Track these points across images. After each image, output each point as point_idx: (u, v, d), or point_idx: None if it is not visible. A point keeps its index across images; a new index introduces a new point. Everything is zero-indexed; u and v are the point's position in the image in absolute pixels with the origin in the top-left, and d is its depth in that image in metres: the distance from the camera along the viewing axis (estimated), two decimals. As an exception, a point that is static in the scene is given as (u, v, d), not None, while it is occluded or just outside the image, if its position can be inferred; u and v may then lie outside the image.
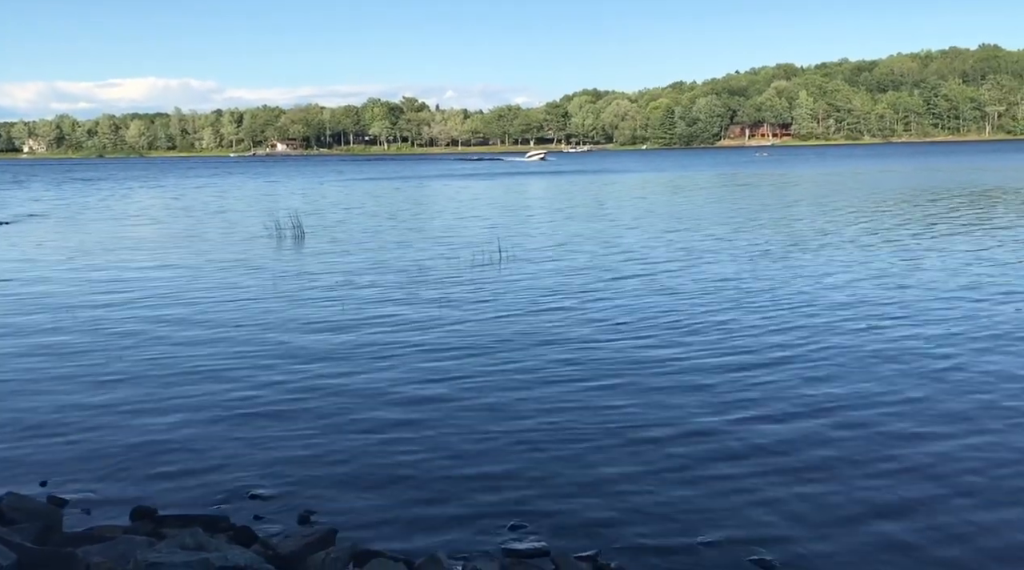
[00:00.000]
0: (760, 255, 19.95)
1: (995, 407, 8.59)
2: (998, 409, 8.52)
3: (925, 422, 8.15)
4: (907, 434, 7.88)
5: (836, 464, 7.18)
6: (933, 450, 7.45)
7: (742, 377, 9.78)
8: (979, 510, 6.29)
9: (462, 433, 8.15)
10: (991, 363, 10.15)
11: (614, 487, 6.83)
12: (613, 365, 10.42)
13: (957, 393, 9.03)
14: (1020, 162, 78.43)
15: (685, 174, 74.21)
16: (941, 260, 18.53)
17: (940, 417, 8.29)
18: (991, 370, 9.86)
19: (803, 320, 12.74)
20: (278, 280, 17.72)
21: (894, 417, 8.34)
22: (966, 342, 11.15)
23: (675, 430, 8.08)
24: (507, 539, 5.99)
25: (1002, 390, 9.11)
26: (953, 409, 8.53)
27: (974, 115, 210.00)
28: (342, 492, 6.86)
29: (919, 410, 8.51)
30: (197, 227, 31.70)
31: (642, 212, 34.29)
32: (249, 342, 12.09)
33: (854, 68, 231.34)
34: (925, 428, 8.00)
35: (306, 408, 9.02)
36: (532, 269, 18.54)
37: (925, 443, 7.63)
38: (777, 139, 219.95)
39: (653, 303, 14.34)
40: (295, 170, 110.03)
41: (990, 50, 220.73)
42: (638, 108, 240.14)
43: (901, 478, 6.88)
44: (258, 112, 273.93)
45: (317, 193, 55.28)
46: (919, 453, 7.39)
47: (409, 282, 17.09)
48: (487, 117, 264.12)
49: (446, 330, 12.55)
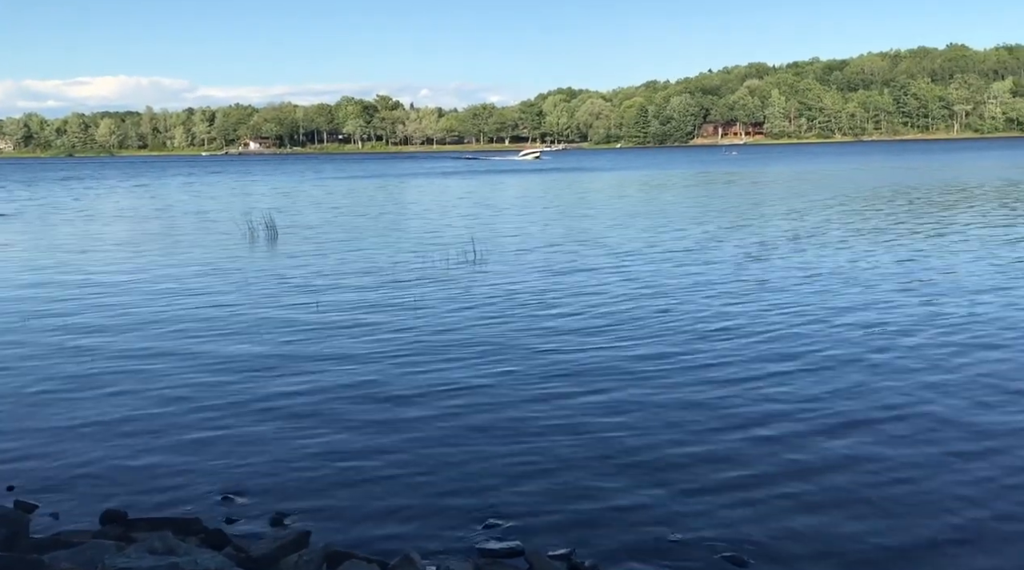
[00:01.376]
0: (745, 256, 20.09)
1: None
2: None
3: (897, 421, 8.26)
4: (879, 434, 7.98)
5: (810, 464, 7.24)
6: (904, 447, 7.55)
7: (717, 376, 9.84)
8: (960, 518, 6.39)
9: (435, 433, 8.13)
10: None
11: (588, 485, 6.85)
12: (588, 365, 10.43)
13: (926, 389, 9.16)
14: (987, 160, 79.73)
15: (662, 172, 74.59)
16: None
17: (900, 413, 8.41)
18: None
19: (779, 318, 12.85)
20: (249, 280, 17.57)
21: (869, 419, 8.43)
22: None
23: (648, 430, 8.11)
24: (481, 538, 5.98)
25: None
26: (917, 403, 8.65)
27: (943, 114, 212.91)
28: (315, 494, 6.83)
29: (883, 408, 8.62)
30: (168, 227, 31.38)
31: (625, 211, 34.41)
32: (219, 343, 11.98)
33: (825, 67, 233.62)
34: (898, 426, 8.11)
35: (278, 410, 8.96)
36: (508, 269, 18.55)
37: (898, 442, 7.73)
38: (750, 138, 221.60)
39: (630, 302, 14.38)
40: (273, 169, 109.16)
41: (957, 50, 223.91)
42: (612, 107, 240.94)
43: (872, 476, 6.96)
44: (230, 110, 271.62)
45: (300, 192, 54.89)
46: (894, 452, 7.48)
47: (384, 282, 17.03)
48: (462, 116, 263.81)
49: (420, 330, 12.52)
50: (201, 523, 6.12)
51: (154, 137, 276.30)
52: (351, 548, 5.69)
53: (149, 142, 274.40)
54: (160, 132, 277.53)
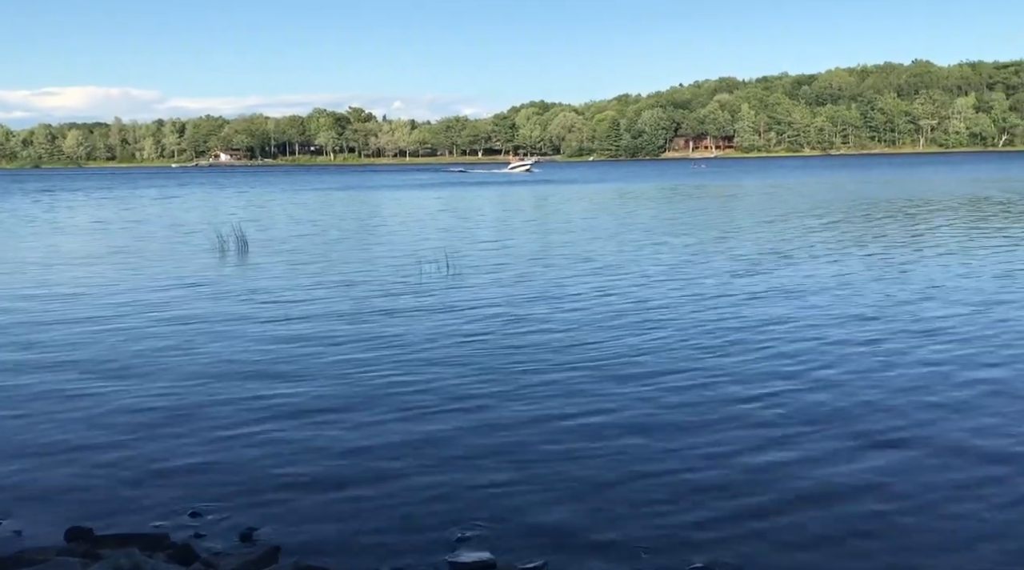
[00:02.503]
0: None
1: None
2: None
3: (864, 419, 8.36)
4: (844, 444, 8.06)
5: (776, 469, 7.30)
6: (864, 443, 7.63)
7: (690, 382, 9.89)
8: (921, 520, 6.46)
9: (406, 447, 8.09)
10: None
11: (559, 496, 6.85)
12: (564, 380, 10.41)
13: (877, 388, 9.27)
14: (958, 174, 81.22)
15: (647, 184, 75.08)
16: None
17: (872, 411, 8.51)
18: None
19: (770, 333, 12.95)
20: (218, 294, 17.41)
21: (830, 427, 8.52)
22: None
23: (619, 438, 8.13)
24: (453, 552, 5.95)
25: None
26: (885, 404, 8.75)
27: (908, 128, 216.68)
28: (286, 509, 6.75)
29: (850, 407, 8.72)
30: (136, 239, 30.99)
31: (608, 224, 34.56)
32: (187, 358, 11.84)
33: (794, 82, 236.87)
34: (869, 424, 8.20)
35: (248, 425, 8.86)
36: (481, 282, 18.54)
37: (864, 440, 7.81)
38: (720, 151, 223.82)
39: (610, 315, 14.44)
40: (244, 181, 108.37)
41: (923, 66, 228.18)
42: (584, 120, 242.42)
43: (838, 482, 7.03)
44: (201, 122, 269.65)
45: (273, 205, 54.53)
46: (859, 456, 7.56)
47: (357, 295, 16.95)
48: (435, 128, 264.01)
49: (392, 344, 12.47)
50: (169, 539, 6.04)
51: (123, 149, 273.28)
52: (321, 564, 5.64)
53: (118, 154, 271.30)
54: (129, 143, 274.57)
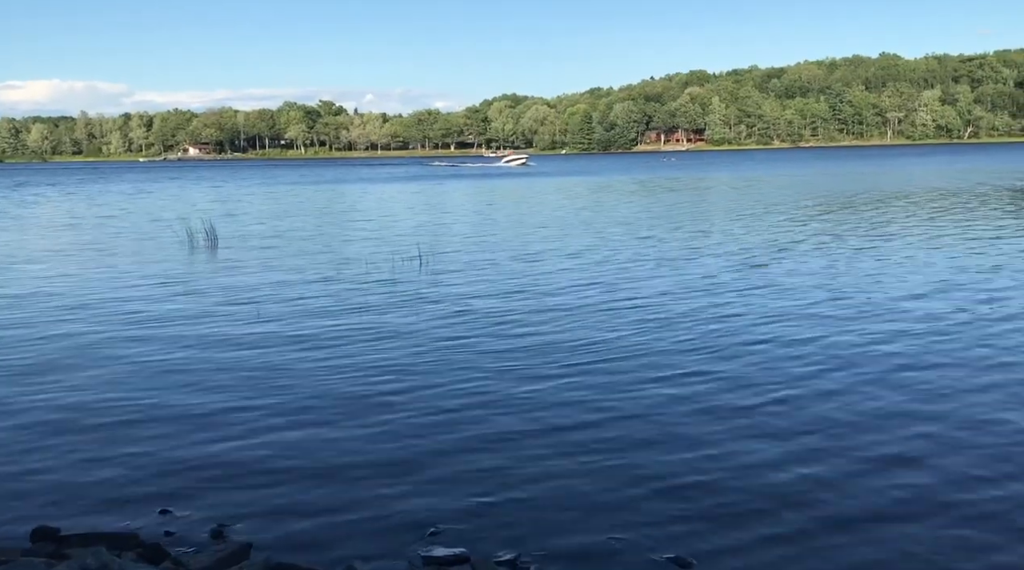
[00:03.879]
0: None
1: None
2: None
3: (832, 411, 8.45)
4: (821, 437, 8.14)
5: (750, 463, 7.35)
6: (831, 442, 7.72)
7: (660, 373, 9.95)
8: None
9: (378, 441, 8.05)
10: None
11: (532, 489, 6.85)
12: (538, 373, 10.42)
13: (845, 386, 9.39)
14: (928, 166, 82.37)
15: (624, 177, 75.29)
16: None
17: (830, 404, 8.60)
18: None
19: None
20: (187, 289, 17.22)
21: (803, 422, 8.60)
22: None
23: (590, 432, 8.15)
24: (426, 546, 5.93)
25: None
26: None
27: (876, 121, 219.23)
28: (257, 505, 6.69)
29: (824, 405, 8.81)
30: (104, 234, 30.54)
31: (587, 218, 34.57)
32: (156, 354, 11.70)
33: (764, 75, 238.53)
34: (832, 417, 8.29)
35: (217, 419, 8.78)
36: (456, 276, 18.50)
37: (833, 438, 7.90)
38: (692, 144, 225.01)
39: (587, 311, 14.46)
40: (214, 175, 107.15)
41: (890, 58, 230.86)
42: (557, 113, 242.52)
43: (813, 479, 7.10)
44: (169, 115, 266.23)
45: (244, 199, 53.98)
46: (828, 453, 7.64)
47: (330, 290, 16.83)
48: (407, 121, 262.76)
49: (364, 337, 12.40)
50: (138, 538, 5.96)
51: (89, 143, 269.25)
52: (294, 560, 5.60)
53: (84, 148, 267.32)
54: (96, 138, 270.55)
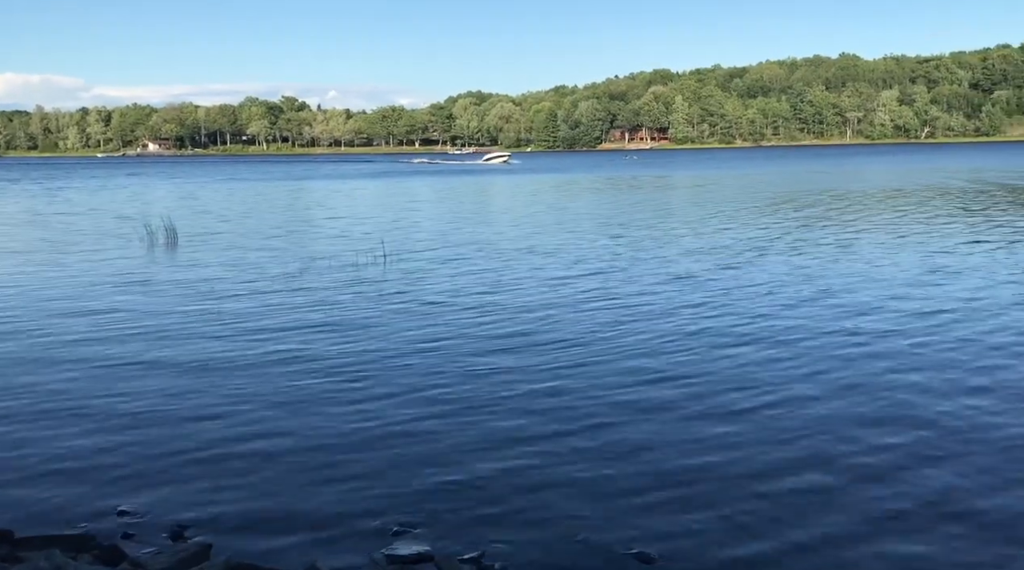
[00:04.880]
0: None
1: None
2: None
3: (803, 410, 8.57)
4: (774, 436, 8.25)
5: (711, 462, 7.42)
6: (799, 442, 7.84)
7: (630, 373, 10.01)
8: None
9: (342, 439, 8.01)
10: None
11: (496, 487, 6.86)
12: (503, 371, 10.44)
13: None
14: (889, 165, 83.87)
15: (587, 175, 75.54)
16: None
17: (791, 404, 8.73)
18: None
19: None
20: (146, 287, 16.96)
21: (763, 420, 8.71)
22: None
23: (553, 429, 8.17)
24: (390, 545, 5.92)
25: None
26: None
27: (836, 120, 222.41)
28: (218, 505, 6.62)
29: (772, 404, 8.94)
30: (60, 231, 29.96)
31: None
32: (115, 351, 11.51)
33: (726, 74, 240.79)
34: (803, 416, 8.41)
35: (176, 418, 8.67)
36: (419, 272, 18.44)
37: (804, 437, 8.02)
38: (655, 143, 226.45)
39: (548, 308, 14.49)
40: (174, 171, 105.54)
41: (850, 59, 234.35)
42: (522, 111, 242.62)
43: (769, 478, 7.20)
44: (127, 110, 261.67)
45: (206, 195, 53.23)
46: (793, 452, 7.75)
47: (291, 287, 16.69)
48: (371, 117, 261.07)
49: (327, 335, 12.33)
50: (95, 540, 5.87)
51: (45, 137, 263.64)
52: (255, 560, 5.56)
53: (40, 143, 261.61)
54: (52, 132, 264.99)
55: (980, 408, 8.58)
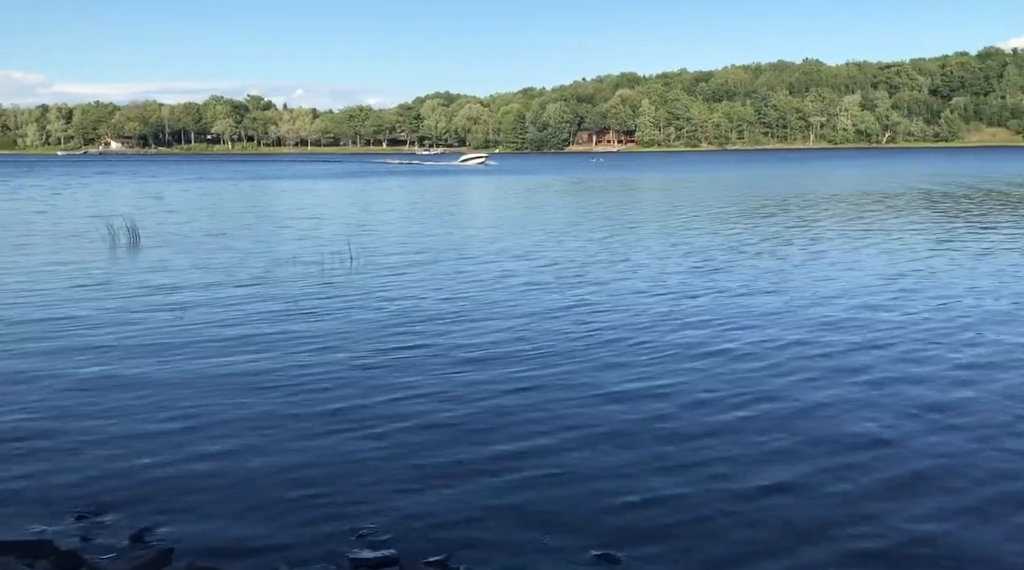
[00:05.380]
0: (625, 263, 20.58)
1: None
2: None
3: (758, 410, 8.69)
4: (743, 438, 8.35)
5: (675, 462, 7.48)
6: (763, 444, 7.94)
7: (585, 377, 10.06)
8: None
9: (305, 442, 7.95)
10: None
11: (460, 489, 6.86)
12: (457, 372, 10.44)
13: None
14: (852, 169, 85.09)
15: (556, 177, 75.69)
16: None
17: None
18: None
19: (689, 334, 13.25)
20: (106, 289, 16.69)
21: (732, 421, 8.81)
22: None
23: (515, 432, 8.18)
24: (354, 548, 5.90)
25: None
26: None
27: (800, 125, 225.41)
28: (180, 509, 6.54)
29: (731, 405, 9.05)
30: (16, 231, 29.37)
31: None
32: (72, 355, 11.32)
33: (692, 79, 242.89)
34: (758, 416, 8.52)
35: (136, 421, 8.55)
36: (384, 274, 18.37)
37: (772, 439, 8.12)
38: (622, 145, 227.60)
39: (515, 312, 14.52)
40: (138, 170, 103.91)
41: (813, 64, 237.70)
42: (490, 112, 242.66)
43: (737, 478, 7.28)
44: (89, 108, 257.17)
45: (170, 195, 52.48)
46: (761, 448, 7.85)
47: (256, 290, 16.54)
48: (337, 117, 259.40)
49: (289, 338, 12.23)
50: (53, 545, 5.78)
51: (3, 135, 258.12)
52: (217, 564, 5.51)
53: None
54: (10, 129, 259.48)
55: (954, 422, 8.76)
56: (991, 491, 6.74)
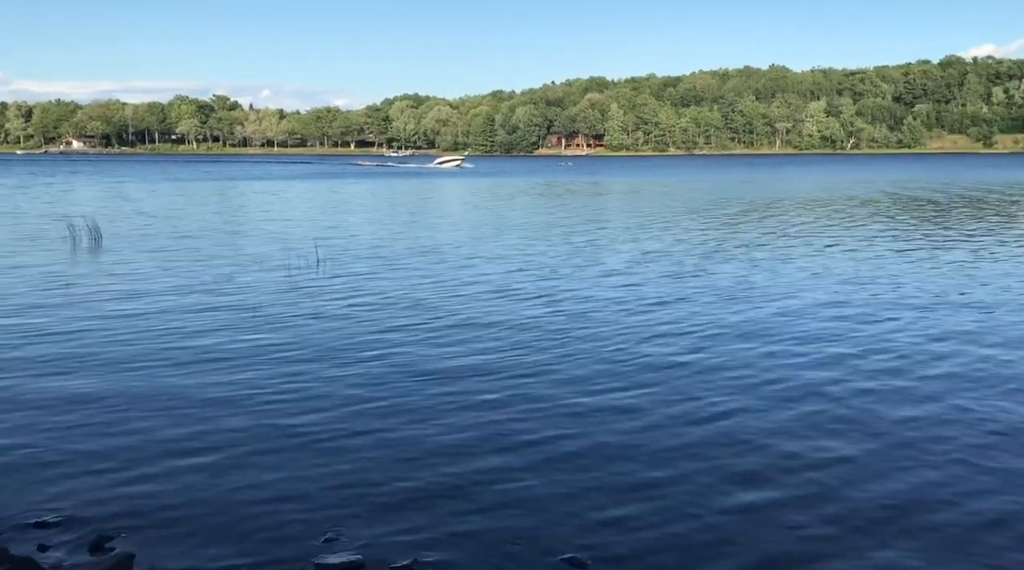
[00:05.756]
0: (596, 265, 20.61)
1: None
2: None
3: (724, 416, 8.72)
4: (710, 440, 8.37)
5: (637, 468, 7.49)
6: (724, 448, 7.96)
7: (549, 389, 10.03)
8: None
9: (270, 445, 7.85)
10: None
11: (425, 494, 6.81)
12: (422, 375, 10.38)
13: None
14: (808, 174, 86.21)
15: (527, 180, 75.66)
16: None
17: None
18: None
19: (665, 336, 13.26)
20: (68, 290, 16.37)
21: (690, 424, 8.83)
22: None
23: (480, 438, 8.15)
24: (320, 553, 5.81)
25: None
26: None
27: (766, 130, 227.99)
28: (141, 515, 6.41)
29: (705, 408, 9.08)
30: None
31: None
32: (33, 358, 11.08)
33: (660, 83, 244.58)
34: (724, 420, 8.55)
35: (96, 425, 8.39)
36: (351, 279, 18.22)
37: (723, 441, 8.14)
38: (591, 149, 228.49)
39: (477, 315, 14.46)
40: (100, 169, 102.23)
41: (779, 71, 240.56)
42: (459, 115, 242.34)
43: (702, 482, 7.30)
44: (50, 106, 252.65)
45: (135, 195, 51.65)
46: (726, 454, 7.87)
47: (219, 290, 16.32)
48: (305, 118, 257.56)
49: (253, 339, 12.08)
50: (8, 552, 5.64)
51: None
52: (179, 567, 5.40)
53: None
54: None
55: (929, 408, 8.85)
56: (958, 514, 6.53)
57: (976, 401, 9.22)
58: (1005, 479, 7.13)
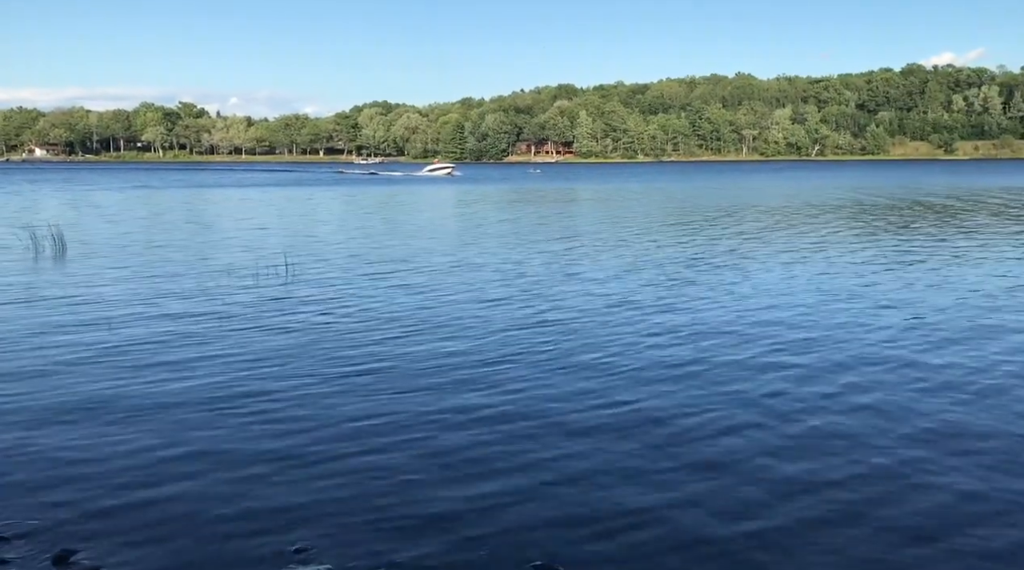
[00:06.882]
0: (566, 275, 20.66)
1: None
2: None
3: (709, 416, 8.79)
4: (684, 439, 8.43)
5: (609, 469, 7.53)
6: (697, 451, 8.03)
7: (529, 405, 10.03)
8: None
9: (239, 457, 7.75)
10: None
11: (393, 502, 6.77)
12: (393, 382, 10.34)
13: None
14: (775, 181, 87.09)
15: (497, 188, 75.67)
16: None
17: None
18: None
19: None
20: (30, 299, 16.07)
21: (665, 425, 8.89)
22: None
23: (453, 445, 8.12)
24: (290, 563, 5.76)
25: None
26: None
27: (733, 137, 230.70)
28: (106, 528, 6.31)
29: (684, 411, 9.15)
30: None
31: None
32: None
33: (629, 91, 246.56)
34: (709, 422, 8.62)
35: (63, 435, 8.24)
36: (320, 288, 18.11)
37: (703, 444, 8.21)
38: (561, 156, 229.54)
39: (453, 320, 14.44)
40: (64, 178, 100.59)
41: (745, 78, 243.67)
42: (429, 122, 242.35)
43: (667, 484, 7.35)
44: (11, 113, 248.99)
45: (101, 204, 50.87)
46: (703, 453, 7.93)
47: (188, 298, 16.12)
48: (273, 125, 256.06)
49: (222, 350, 11.94)
50: (-32, 569, 5.52)
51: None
52: (146, 584, 5.32)
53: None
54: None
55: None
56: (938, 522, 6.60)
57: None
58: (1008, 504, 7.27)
